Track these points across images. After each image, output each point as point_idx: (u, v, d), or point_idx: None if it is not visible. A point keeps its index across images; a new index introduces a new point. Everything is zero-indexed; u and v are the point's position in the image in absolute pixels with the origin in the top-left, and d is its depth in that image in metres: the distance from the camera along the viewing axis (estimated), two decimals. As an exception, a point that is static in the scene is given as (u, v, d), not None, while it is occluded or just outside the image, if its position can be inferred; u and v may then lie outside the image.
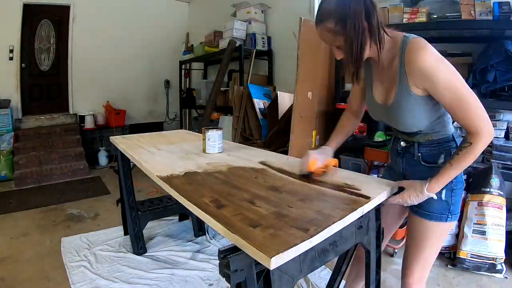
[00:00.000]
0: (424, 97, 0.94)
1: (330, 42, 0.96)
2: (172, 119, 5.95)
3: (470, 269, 1.92)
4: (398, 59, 0.94)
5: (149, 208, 2.25)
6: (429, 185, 0.96)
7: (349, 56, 0.93)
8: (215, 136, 1.58)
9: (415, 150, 1.05)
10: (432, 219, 1.04)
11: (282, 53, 3.97)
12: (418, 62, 0.88)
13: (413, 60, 0.89)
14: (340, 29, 0.90)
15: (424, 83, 0.90)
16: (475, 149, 0.89)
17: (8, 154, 3.88)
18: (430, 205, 1.02)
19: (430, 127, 1.00)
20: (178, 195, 1.01)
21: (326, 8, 0.91)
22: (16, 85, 4.40)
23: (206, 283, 1.82)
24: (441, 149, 1.03)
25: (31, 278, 1.86)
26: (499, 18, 1.91)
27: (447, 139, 1.03)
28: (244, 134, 3.52)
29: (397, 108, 0.97)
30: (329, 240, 0.83)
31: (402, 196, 1.01)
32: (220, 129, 1.62)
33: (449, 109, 0.91)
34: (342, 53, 0.96)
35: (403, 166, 1.11)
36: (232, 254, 0.72)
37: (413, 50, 0.90)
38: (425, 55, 0.88)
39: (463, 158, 0.90)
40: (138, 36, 5.34)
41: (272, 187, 1.06)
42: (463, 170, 0.94)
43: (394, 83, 0.97)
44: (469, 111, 0.88)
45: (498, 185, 1.96)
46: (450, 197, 1.01)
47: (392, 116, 1.01)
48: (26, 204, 3.04)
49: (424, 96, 0.93)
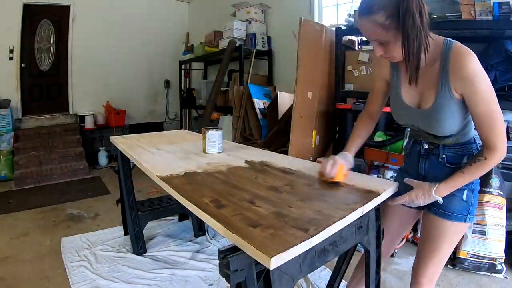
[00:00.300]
0: (462, 101, 0.94)
1: (376, 36, 0.92)
2: (172, 119, 5.95)
3: (470, 269, 1.92)
4: (440, 63, 0.93)
5: (149, 208, 2.25)
6: (438, 188, 0.98)
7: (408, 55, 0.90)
8: (215, 136, 1.58)
9: (439, 152, 1.05)
10: (451, 219, 1.03)
11: (282, 53, 3.97)
12: (464, 68, 0.88)
13: (460, 65, 0.89)
14: (392, 24, 0.86)
15: (463, 89, 0.90)
16: (488, 164, 0.93)
17: (8, 154, 3.88)
18: (451, 205, 1.02)
19: (460, 132, 1.02)
20: (178, 195, 1.01)
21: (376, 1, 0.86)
22: (16, 85, 4.40)
23: (206, 283, 1.82)
24: (464, 150, 1.04)
25: (31, 278, 1.86)
26: (499, 18, 1.91)
27: (469, 142, 1.05)
28: (244, 134, 3.52)
29: (438, 111, 0.96)
30: (329, 240, 0.83)
31: (410, 195, 1.02)
32: (220, 129, 1.62)
33: (477, 120, 0.93)
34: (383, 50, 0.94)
35: (426, 169, 1.10)
36: (232, 254, 0.72)
37: (460, 55, 0.90)
38: (472, 62, 0.88)
39: (475, 170, 0.95)
40: (138, 36, 5.35)
41: (272, 187, 1.06)
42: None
43: (433, 86, 0.96)
44: (494, 127, 0.91)
45: (498, 185, 1.96)
46: (470, 198, 1.03)
47: (430, 119, 0.99)
48: (26, 204, 3.04)
49: (462, 100, 0.94)
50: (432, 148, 1.07)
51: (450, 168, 1.04)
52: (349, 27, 2.72)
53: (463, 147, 1.04)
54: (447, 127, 0.98)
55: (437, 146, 1.06)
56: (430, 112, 0.97)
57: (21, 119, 4.41)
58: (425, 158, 1.09)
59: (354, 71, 2.67)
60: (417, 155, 1.12)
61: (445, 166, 1.05)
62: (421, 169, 1.11)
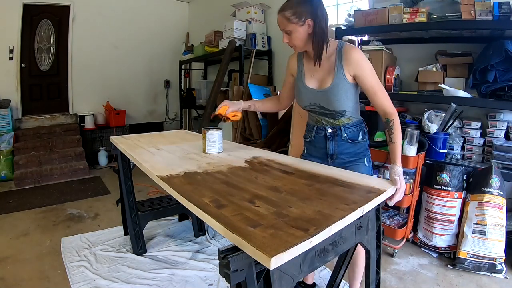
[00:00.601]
0: (352, 83, 1.29)
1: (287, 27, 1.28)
2: (172, 119, 5.95)
3: (470, 269, 1.92)
4: (335, 56, 1.29)
5: (149, 208, 2.25)
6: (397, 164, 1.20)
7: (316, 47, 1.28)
8: (215, 136, 1.58)
9: (342, 132, 1.36)
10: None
11: (282, 53, 3.97)
12: (353, 55, 1.26)
13: (350, 54, 1.26)
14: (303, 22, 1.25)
15: (355, 70, 1.25)
16: (398, 123, 1.25)
17: (8, 154, 3.88)
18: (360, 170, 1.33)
19: (351, 109, 1.33)
20: (178, 195, 1.01)
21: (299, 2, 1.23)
22: (16, 85, 4.39)
23: (206, 283, 1.82)
24: (358, 129, 1.38)
25: (31, 278, 1.86)
26: (499, 18, 1.91)
27: (361, 121, 1.40)
28: (244, 134, 3.52)
29: (335, 88, 1.28)
30: (329, 240, 0.83)
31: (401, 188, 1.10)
32: (220, 129, 1.62)
33: (371, 92, 1.26)
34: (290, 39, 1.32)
35: (333, 147, 1.39)
36: (232, 254, 0.72)
37: (349, 48, 1.28)
38: (358, 51, 1.28)
39: (397, 131, 1.24)
40: (138, 36, 5.35)
41: (272, 187, 1.06)
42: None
43: (331, 72, 1.29)
44: (385, 97, 1.27)
45: (498, 185, 1.96)
46: (369, 162, 1.41)
47: (329, 94, 1.29)
48: (26, 204, 3.04)
49: (353, 83, 1.29)
50: (336, 130, 1.37)
51: (351, 143, 1.37)
52: (349, 27, 2.72)
53: (357, 127, 1.37)
54: (341, 101, 1.29)
55: (339, 128, 1.36)
56: (329, 89, 1.29)
57: (21, 119, 4.41)
58: (332, 139, 1.38)
59: (354, 71, 2.66)
60: (323, 138, 1.40)
61: (347, 142, 1.37)
62: (329, 149, 1.40)
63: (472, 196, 2.02)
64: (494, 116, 2.21)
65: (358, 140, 1.37)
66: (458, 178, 2.09)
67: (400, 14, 2.32)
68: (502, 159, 2.07)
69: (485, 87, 2.05)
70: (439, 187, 2.12)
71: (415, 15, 2.26)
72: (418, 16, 2.25)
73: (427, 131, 2.23)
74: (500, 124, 2.18)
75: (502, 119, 2.19)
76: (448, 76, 2.41)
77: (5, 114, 4.09)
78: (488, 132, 2.22)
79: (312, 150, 1.47)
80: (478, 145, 2.27)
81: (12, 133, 4.06)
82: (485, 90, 2.05)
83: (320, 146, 1.42)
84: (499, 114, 2.20)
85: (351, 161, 1.38)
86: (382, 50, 2.51)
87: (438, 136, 2.22)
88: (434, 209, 2.13)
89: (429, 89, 2.41)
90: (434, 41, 2.54)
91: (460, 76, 2.37)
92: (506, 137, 2.17)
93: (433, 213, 2.14)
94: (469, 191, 2.07)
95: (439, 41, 2.52)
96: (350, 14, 2.75)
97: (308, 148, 1.50)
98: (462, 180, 2.11)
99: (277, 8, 1.33)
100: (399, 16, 2.33)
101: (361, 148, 1.38)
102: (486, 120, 2.26)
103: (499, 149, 2.09)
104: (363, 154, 1.38)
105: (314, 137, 1.44)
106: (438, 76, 2.40)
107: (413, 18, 2.27)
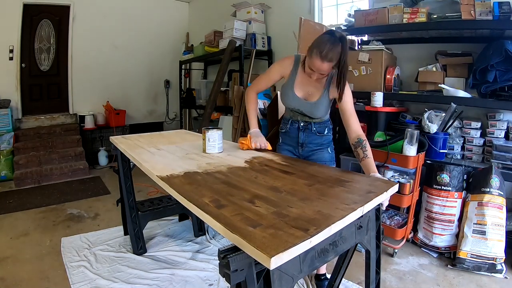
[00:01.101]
0: (331, 100, 1.60)
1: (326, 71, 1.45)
2: (172, 119, 5.95)
3: (470, 269, 1.92)
4: (327, 79, 1.55)
5: (149, 208, 2.25)
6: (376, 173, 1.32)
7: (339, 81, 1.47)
8: (215, 136, 1.58)
9: (312, 126, 1.66)
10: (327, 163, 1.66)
11: (282, 53, 3.97)
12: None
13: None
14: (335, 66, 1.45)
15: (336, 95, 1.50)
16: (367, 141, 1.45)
17: (8, 154, 3.88)
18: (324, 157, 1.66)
19: (324, 115, 1.65)
20: (178, 195, 1.01)
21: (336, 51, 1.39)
22: (16, 85, 4.39)
23: (206, 283, 1.82)
24: (324, 125, 1.68)
25: (31, 278, 1.86)
26: (499, 18, 1.91)
27: (327, 120, 1.70)
28: (244, 134, 3.52)
29: (318, 105, 1.58)
30: (329, 240, 0.83)
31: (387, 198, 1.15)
32: (220, 129, 1.62)
33: (347, 115, 1.50)
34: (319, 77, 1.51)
35: (303, 138, 1.67)
36: (232, 254, 0.72)
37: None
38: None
39: (369, 148, 1.42)
40: (138, 36, 5.35)
41: (272, 187, 1.06)
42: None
43: (320, 90, 1.57)
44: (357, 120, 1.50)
45: (498, 185, 1.96)
46: (332, 151, 1.71)
47: (313, 108, 1.59)
48: (26, 204, 3.04)
49: (331, 100, 1.60)
50: (307, 124, 1.66)
51: (318, 135, 1.67)
52: (349, 27, 2.72)
53: (324, 123, 1.68)
54: (321, 113, 1.61)
55: (310, 123, 1.66)
56: (314, 103, 1.58)
57: (21, 119, 4.41)
58: (303, 131, 1.67)
59: (354, 71, 2.67)
60: (296, 130, 1.69)
61: (316, 134, 1.66)
62: (300, 138, 1.68)
63: (472, 196, 2.02)
64: (494, 116, 2.21)
65: (324, 133, 1.68)
66: (458, 178, 2.09)
67: (400, 14, 2.32)
68: (502, 159, 2.07)
69: (485, 87, 2.05)
70: (439, 187, 2.12)
71: (415, 15, 2.27)
72: (418, 16, 2.25)
73: (427, 131, 2.23)
74: (500, 124, 2.18)
75: (502, 119, 2.19)
76: (448, 76, 2.41)
77: (5, 114, 4.09)
78: (488, 132, 2.22)
79: (287, 139, 1.74)
80: (478, 145, 2.27)
81: (12, 133, 4.06)
82: (485, 90, 2.06)
83: (293, 136, 1.70)
84: (499, 114, 2.20)
85: (317, 149, 1.68)
86: (382, 50, 2.51)
87: (438, 136, 2.22)
88: (434, 209, 2.13)
89: (429, 89, 2.41)
90: (434, 41, 2.54)
91: (460, 76, 2.37)
92: (506, 137, 2.17)
93: (433, 213, 2.14)
94: (469, 191, 2.07)
95: (439, 41, 2.52)
96: (350, 14, 2.76)
97: (283, 137, 1.76)
98: (462, 180, 2.11)
99: (277, 8, 1.34)
100: (399, 16, 2.33)
101: (326, 140, 1.69)
102: (486, 120, 2.26)
103: (499, 149, 2.09)
104: (327, 145, 1.69)
105: (289, 128, 1.71)
106: (438, 76, 2.40)
107: (413, 18, 2.27)
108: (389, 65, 2.58)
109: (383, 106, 2.37)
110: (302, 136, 1.67)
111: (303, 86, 1.59)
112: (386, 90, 2.54)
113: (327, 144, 1.69)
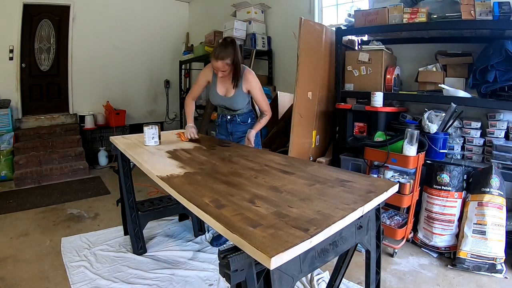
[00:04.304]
0: (246, 93, 2.07)
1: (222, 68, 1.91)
2: (172, 119, 5.95)
3: (470, 269, 1.92)
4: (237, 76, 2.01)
5: (149, 208, 2.25)
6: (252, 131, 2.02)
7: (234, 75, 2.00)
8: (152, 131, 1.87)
9: (236, 118, 2.14)
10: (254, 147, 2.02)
11: (282, 53, 3.97)
12: (248, 77, 2.03)
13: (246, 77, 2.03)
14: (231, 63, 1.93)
15: (249, 87, 2.04)
16: (268, 117, 2.09)
17: (8, 154, 3.88)
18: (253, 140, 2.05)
19: (243, 107, 2.12)
20: (178, 195, 1.01)
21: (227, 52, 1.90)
22: (16, 85, 4.39)
23: (206, 283, 1.82)
24: (247, 116, 2.16)
25: (31, 278, 1.86)
26: (499, 18, 1.91)
27: (249, 111, 2.18)
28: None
29: (235, 97, 2.05)
30: (329, 240, 0.83)
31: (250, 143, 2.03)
32: (157, 125, 1.92)
33: (258, 100, 2.08)
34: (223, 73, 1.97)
35: (231, 127, 2.17)
36: (232, 254, 0.72)
37: (247, 73, 2.04)
38: (252, 74, 2.05)
39: (264, 119, 2.06)
40: (138, 36, 5.34)
41: (272, 187, 1.06)
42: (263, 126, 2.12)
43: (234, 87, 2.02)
44: (265, 103, 2.09)
45: (498, 185, 1.96)
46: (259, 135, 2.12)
47: (231, 101, 2.06)
48: (26, 204, 3.04)
49: (246, 93, 2.07)
50: (233, 117, 2.14)
51: (242, 124, 2.14)
52: (349, 27, 2.72)
53: (247, 114, 2.17)
54: (239, 105, 2.08)
55: (235, 115, 2.14)
56: (231, 97, 2.05)
57: (21, 119, 4.40)
58: (230, 122, 2.16)
59: (354, 71, 2.67)
60: (225, 122, 2.18)
61: (240, 124, 2.15)
62: (228, 128, 2.18)
63: (472, 196, 2.02)
64: (494, 116, 2.21)
65: (247, 122, 2.16)
66: (458, 178, 2.09)
67: (400, 14, 2.32)
68: (502, 159, 2.07)
69: (485, 87, 2.05)
70: (439, 187, 2.12)
71: (415, 15, 2.27)
72: (418, 16, 2.25)
73: (427, 131, 2.23)
74: (500, 124, 2.18)
75: (502, 119, 2.19)
76: (448, 76, 2.41)
77: (5, 114, 4.09)
78: (488, 132, 2.22)
79: (220, 130, 2.24)
80: (478, 145, 2.27)
81: (12, 133, 4.06)
82: (485, 90, 2.05)
83: (224, 127, 2.20)
84: (499, 114, 2.20)
85: (244, 136, 2.08)
86: (382, 50, 2.51)
87: (438, 136, 2.22)
88: (434, 209, 2.13)
89: (429, 89, 2.41)
90: (434, 41, 2.54)
91: (460, 76, 2.37)
92: (506, 137, 2.17)
93: (433, 213, 2.14)
94: (469, 191, 2.07)
95: (439, 41, 2.52)
96: (350, 14, 2.76)
97: (218, 129, 2.26)
98: (462, 180, 2.11)
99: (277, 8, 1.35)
100: (399, 16, 2.33)
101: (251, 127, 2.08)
102: (486, 120, 2.26)
103: (499, 149, 2.09)
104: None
105: (220, 121, 2.22)
106: (438, 76, 2.40)
107: (413, 18, 2.27)
108: (389, 65, 2.58)
109: (383, 106, 2.37)
110: (230, 126, 2.17)
111: (221, 85, 2.07)
112: (386, 90, 2.54)
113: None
